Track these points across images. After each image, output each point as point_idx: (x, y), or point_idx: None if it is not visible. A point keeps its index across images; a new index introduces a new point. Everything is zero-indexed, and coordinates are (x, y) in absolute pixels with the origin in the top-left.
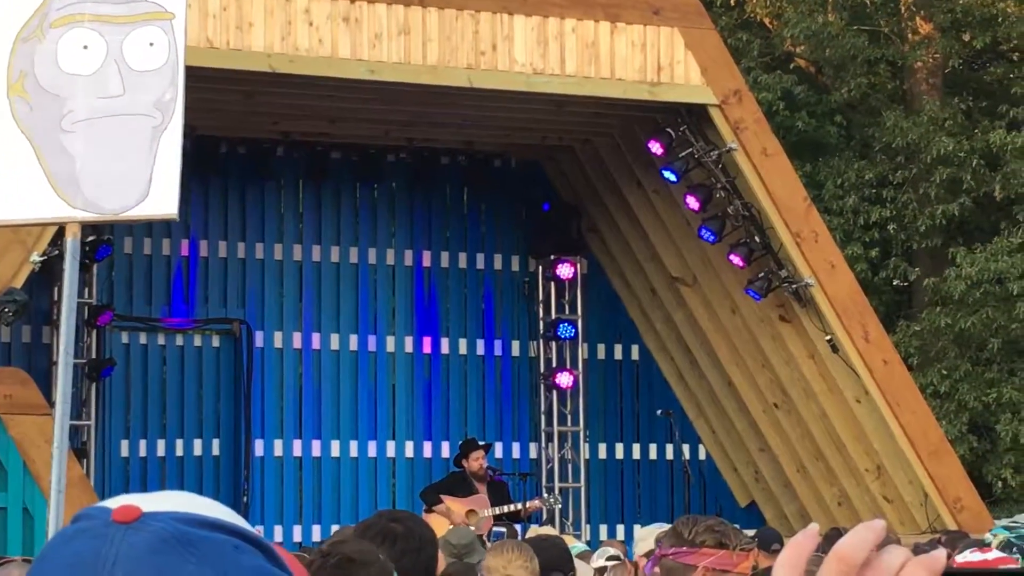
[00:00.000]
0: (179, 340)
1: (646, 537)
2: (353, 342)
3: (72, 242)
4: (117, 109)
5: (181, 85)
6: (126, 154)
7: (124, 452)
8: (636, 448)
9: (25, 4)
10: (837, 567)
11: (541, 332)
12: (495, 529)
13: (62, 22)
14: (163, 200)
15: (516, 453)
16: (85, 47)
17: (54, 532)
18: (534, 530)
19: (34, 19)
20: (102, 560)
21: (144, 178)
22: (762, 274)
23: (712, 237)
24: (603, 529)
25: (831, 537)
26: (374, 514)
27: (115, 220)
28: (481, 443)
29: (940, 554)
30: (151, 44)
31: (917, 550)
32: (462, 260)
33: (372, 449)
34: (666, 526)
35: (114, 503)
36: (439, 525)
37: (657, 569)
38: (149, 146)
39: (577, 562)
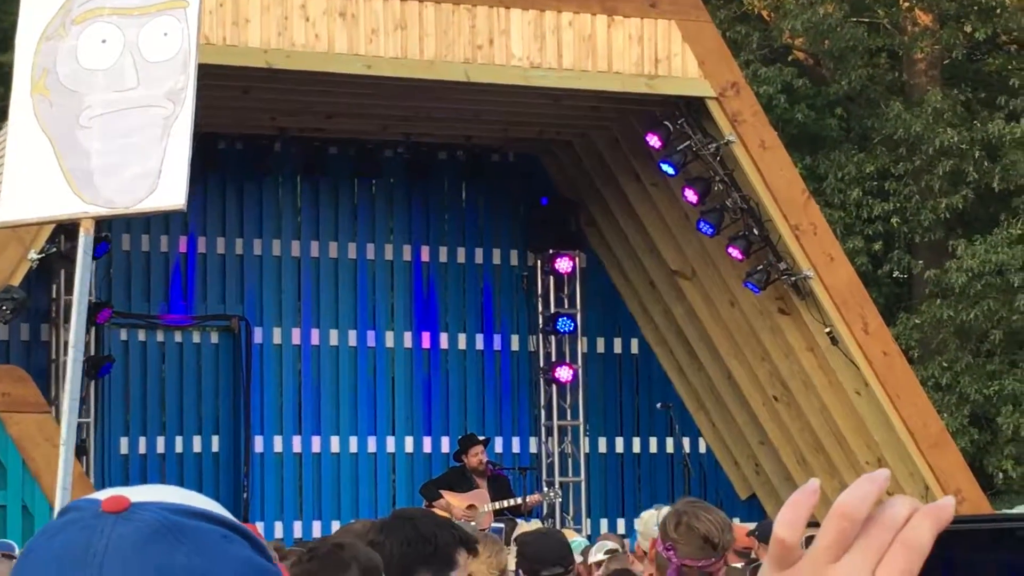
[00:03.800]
0: (178, 337)
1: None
2: (352, 338)
3: (85, 238)
4: (132, 102)
5: (192, 74)
6: (139, 147)
7: (124, 449)
8: (636, 442)
9: (50, 3)
10: (839, 524)
11: (540, 326)
12: (494, 525)
13: (83, 18)
14: (172, 192)
15: (516, 448)
16: (104, 41)
17: None
18: (523, 525)
19: (57, 17)
20: (92, 550)
21: (154, 170)
22: (761, 267)
23: (711, 230)
24: (603, 523)
25: None
26: (388, 516)
27: (126, 214)
28: (480, 438)
29: (948, 502)
30: (165, 34)
31: None
32: (460, 255)
33: (372, 445)
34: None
35: (103, 495)
36: None
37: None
38: (160, 137)
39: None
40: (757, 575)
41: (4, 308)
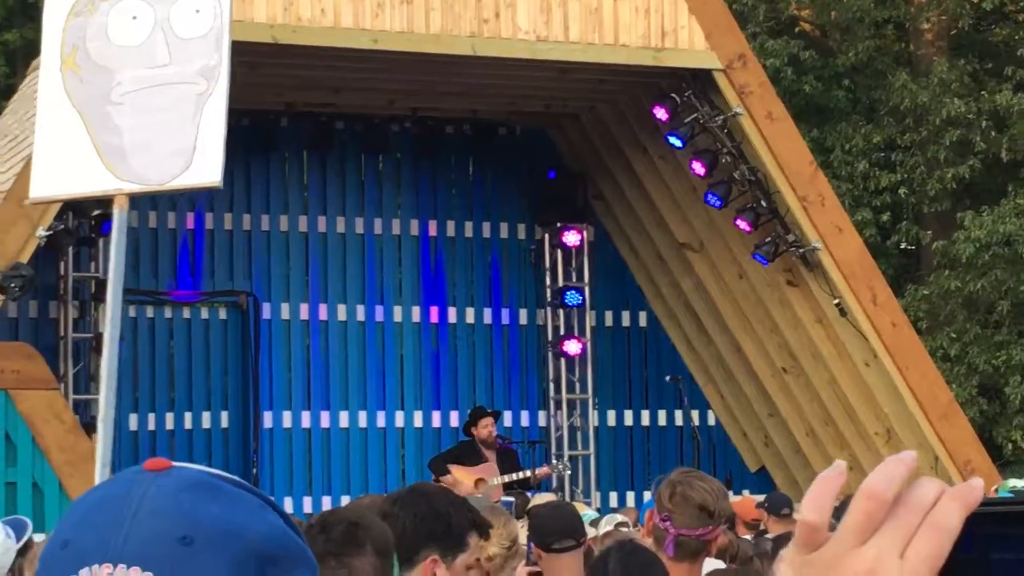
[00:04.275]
0: (186, 313)
1: None
2: (360, 312)
3: (120, 215)
4: (163, 78)
5: (226, 51)
6: (172, 124)
7: (133, 426)
8: (645, 415)
9: None
10: (866, 506)
11: (548, 300)
12: (504, 499)
13: None
14: (207, 169)
15: (525, 421)
16: (134, 18)
17: None
18: (539, 497)
19: None
20: (131, 497)
21: (188, 147)
22: (769, 239)
23: (718, 202)
24: (613, 496)
25: (847, 504)
26: (404, 488)
27: (161, 191)
28: (490, 411)
29: (977, 484)
30: (197, 11)
31: None
32: (468, 229)
33: (381, 419)
34: None
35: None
36: None
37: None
38: (193, 114)
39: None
40: (780, 556)
41: (13, 285)
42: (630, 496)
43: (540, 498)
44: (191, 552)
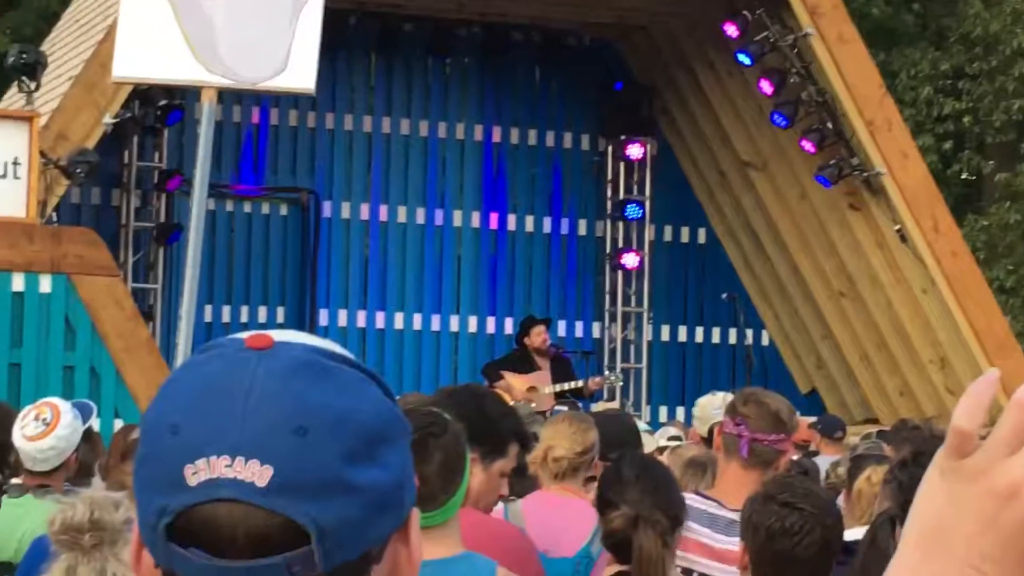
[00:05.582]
0: (247, 207)
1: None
2: (420, 215)
3: (208, 107)
4: None
5: None
6: (265, 24)
7: None
8: (699, 331)
9: None
10: (1018, 415)
11: (609, 212)
12: (556, 408)
13: None
14: (301, 74)
15: (579, 332)
16: None
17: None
18: (600, 405)
19: None
20: (237, 382)
21: (283, 50)
22: (833, 161)
23: (784, 122)
24: (663, 411)
25: (899, 429)
26: (461, 385)
27: (252, 89)
28: (541, 319)
29: None
30: None
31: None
32: (532, 137)
33: (436, 323)
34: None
35: (245, 334)
36: None
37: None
38: (289, 19)
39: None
40: (930, 464)
41: (78, 171)
42: (680, 411)
43: (600, 406)
44: (306, 443)
